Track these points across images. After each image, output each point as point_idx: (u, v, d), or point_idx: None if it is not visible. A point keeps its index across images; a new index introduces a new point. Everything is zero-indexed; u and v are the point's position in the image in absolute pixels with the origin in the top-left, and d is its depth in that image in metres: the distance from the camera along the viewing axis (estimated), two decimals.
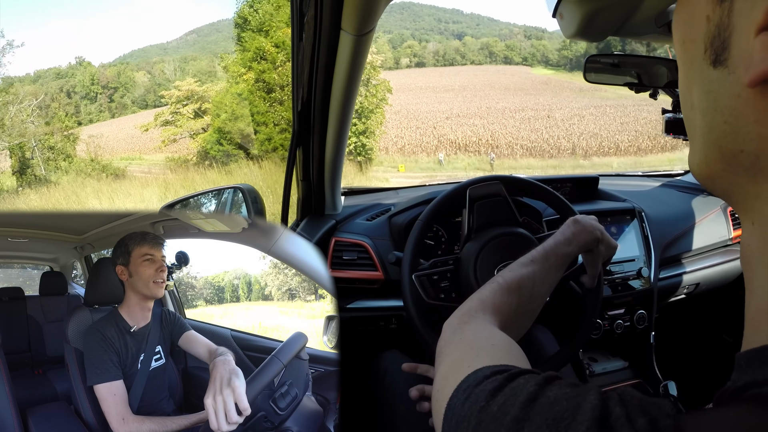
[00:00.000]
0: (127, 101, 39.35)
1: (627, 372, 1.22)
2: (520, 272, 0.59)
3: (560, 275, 0.64)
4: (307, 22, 0.82)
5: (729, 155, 0.28)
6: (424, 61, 59.39)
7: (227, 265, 0.81)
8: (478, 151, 19.58)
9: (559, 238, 0.66)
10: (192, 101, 18.07)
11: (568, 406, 0.26)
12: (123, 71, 42.07)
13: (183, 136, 17.93)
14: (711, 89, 0.28)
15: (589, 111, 23.36)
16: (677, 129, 1.15)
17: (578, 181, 1.36)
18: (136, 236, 0.65)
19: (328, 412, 0.69)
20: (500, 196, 0.89)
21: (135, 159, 21.38)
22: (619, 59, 1.12)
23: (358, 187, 1.48)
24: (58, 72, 43.59)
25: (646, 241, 1.21)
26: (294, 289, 0.78)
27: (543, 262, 0.61)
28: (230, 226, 0.77)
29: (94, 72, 40.91)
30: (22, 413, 0.59)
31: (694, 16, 0.28)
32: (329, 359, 0.72)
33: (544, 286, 0.60)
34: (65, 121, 19.83)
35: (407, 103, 25.53)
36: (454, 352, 0.43)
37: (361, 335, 1.13)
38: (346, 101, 0.94)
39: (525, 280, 0.58)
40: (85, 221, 0.75)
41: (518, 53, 57.47)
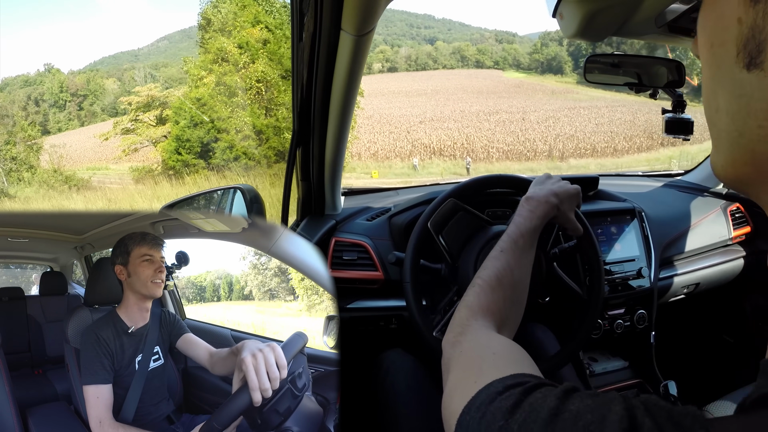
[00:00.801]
0: (97, 109, 38.46)
1: (627, 372, 1.22)
2: (494, 266, 0.59)
3: (533, 252, 0.65)
4: (307, 22, 0.81)
5: (763, 159, 0.27)
6: (397, 65, 60.53)
7: (209, 265, 0.81)
8: (454, 155, 19.43)
9: (519, 220, 0.66)
10: (153, 107, 17.17)
11: (593, 418, 0.25)
12: (93, 78, 41.19)
13: (144, 144, 17.06)
14: (743, 93, 0.27)
15: (563, 113, 23.46)
16: (677, 129, 1.15)
17: (578, 182, 1.35)
18: (136, 236, 0.65)
19: (328, 412, 0.69)
20: (459, 210, 0.90)
21: (101, 169, 20.98)
22: (619, 59, 1.12)
23: (358, 188, 1.48)
24: (26, 79, 42.93)
25: (646, 241, 1.21)
26: (274, 289, 0.79)
27: (513, 248, 0.62)
28: (230, 226, 0.77)
29: (63, 79, 40.10)
30: (22, 413, 0.59)
31: (723, 18, 0.28)
32: (329, 359, 0.72)
33: (522, 269, 0.61)
34: (28, 131, 19.49)
35: (380, 107, 25.39)
36: (457, 368, 0.43)
37: (361, 335, 1.13)
38: (346, 101, 0.94)
39: (502, 271, 0.58)
40: (85, 221, 0.75)
41: (490, 57, 58.43)
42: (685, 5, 0.72)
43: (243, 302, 0.81)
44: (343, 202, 1.30)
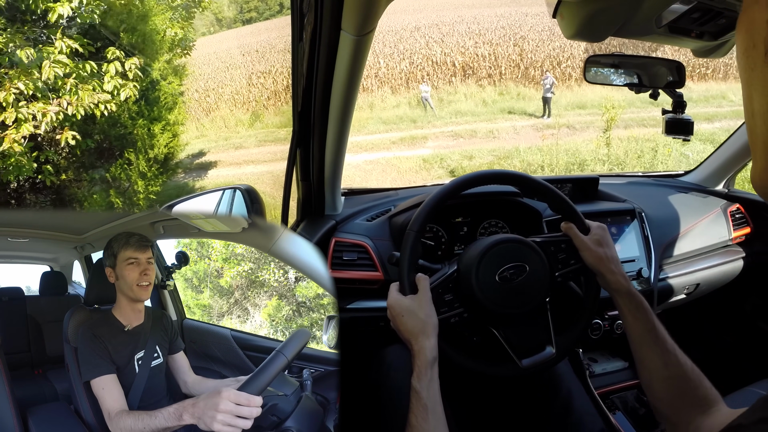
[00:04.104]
0: None
1: (627, 372, 1.22)
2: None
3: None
4: (307, 22, 0.82)
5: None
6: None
7: None
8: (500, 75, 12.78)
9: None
10: None
11: None
12: None
13: None
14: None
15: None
16: (677, 129, 1.15)
17: (578, 182, 1.36)
18: (121, 239, 0.65)
19: (328, 412, 0.69)
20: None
21: None
22: (619, 59, 1.12)
23: (358, 188, 1.48)
24: None
25: (646, 241, 1.21)
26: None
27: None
28: (230, 226, 0.77)
29: None
30: (22, 413, 0.59)
31: (755, 22, 0.29)
32: (329, 359, 0.72)
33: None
34: None
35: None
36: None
37: (361, 336, 1.13)
38: (346, 101, 0.94)
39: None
40: (85, 221, 0.75)
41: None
42: (685, 6, 0.72)
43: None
44: (343, 202, 1.30)
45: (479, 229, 1.17)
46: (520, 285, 0.78)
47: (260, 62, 15.02)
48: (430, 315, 0.71)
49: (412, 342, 0.69)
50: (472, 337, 0.87)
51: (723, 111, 10.27)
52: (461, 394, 0.98)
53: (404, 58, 13.40)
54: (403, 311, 0.72)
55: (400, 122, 10.89)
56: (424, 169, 8.70)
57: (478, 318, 0.79)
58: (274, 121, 12.13)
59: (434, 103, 11.42)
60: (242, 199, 1.01)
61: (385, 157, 9.19)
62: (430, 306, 0.72)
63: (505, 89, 12.46)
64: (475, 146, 9.36)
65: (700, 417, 0.62)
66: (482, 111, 11.27)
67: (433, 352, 0.68)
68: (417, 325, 0.70)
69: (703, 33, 0.79)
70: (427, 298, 0.73)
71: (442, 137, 10.04)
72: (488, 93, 12.22)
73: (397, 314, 0.72)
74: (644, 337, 0.71)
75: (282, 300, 0.79)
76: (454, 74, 13.06)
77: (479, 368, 0.80)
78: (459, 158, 8.78)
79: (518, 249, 0.80)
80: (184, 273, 0.78)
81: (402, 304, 0.73)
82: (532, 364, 0.78)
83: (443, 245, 1.15)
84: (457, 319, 0.78)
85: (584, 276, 0.85)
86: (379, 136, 10.23)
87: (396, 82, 13.02)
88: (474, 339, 0.87)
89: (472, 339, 0.87)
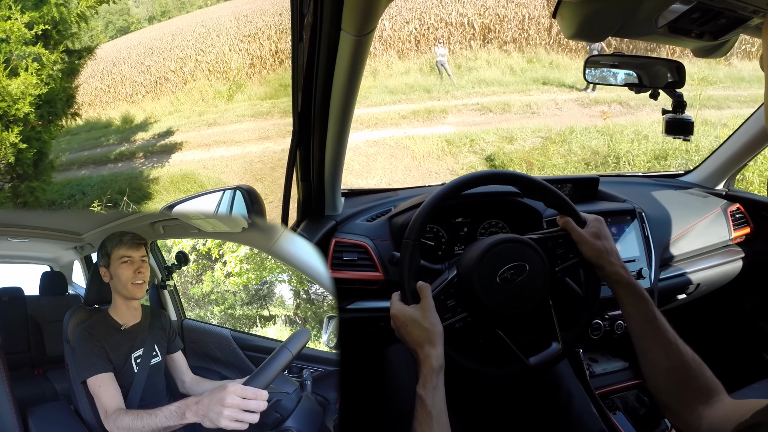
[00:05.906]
0: None
1: (627, 372, 1.22)
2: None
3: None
4: (307, 22, 0.82)
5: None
6: None
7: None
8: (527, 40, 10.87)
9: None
10: None
11: None
12: None
13: None
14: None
15: None
16: (677, 129, 1.14)
17: (578, 182, 1.36)
18: (114, 238, 0.65)
19: (328, 412, 0.69)
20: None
21: None
22: (619, 59, 1.12)
23: (358, 188, 1.48)
24: None
25: (646, 241, 1.21)
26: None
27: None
28: (230, 226, 0.77)
29: None
30: (22, 413, 0.59)
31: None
32: (329, 359, 0.72)
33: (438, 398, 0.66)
34: None
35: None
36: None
37: (361, 336, 1.13)
38: (346, 102, 0.94)
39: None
40: (85, 221, 0.75)
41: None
42: (685, 6, 0.72)
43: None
44: (343, 202, 1.30)
45: (479, 230, 1.17)
46: (522, 284, 0.78)
47: (246, 26, 13.29)
48: (435, 324, 0.71)
49: (418, 351, 0.69)
50: (476, 340, 0.87)
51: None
52: (463, 398, 0.98)
53: (414, 18, 11.55)
54: (407, 321, 0.71)
55: (411, 92, 8.91)
56: (449, 154, 6.46)
57: (483, 321, 0.79)
58: (257, 92, 10.47)
59: (451, 70, 9.60)
60: (242, 199, 1.02)
61: (393, 136, 7.06)
62: (434, 314, 0.72)
63: (535, 56, 10.59)
64: (512, 123, 7.16)
65: (702, 407, 0.61)
66: (511, 80, 9.37)
67: (439, 360, 0.68)
68: (422, 334, 0.69)
69: (703, 33, 0.79)
70: (430, 306, 0.72)
71: (465, 111, 7.91)
72: (515, 59, 10.46)
73: (402, 324, 0.72)
74: (645, 329, 0.71)
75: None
76: (473, 37, 11.15)
77: (489, 371, 0.79)
78: (495, 140, 6.60)
79: (517, 248, 0.80)
80: (184, 273, 0.78)
81: (406, 314, 0.72)
82: (540, 361, 0.78)
83: (443, 245, 1.15)
84: (461, 324, 0.78)
85: (584, 269, 0.84)
86: (385, 108, 8.17)
87: (404, 46, 11.22)
88: (479, 342, 0.86)
89: (476, 342, 0.87)
